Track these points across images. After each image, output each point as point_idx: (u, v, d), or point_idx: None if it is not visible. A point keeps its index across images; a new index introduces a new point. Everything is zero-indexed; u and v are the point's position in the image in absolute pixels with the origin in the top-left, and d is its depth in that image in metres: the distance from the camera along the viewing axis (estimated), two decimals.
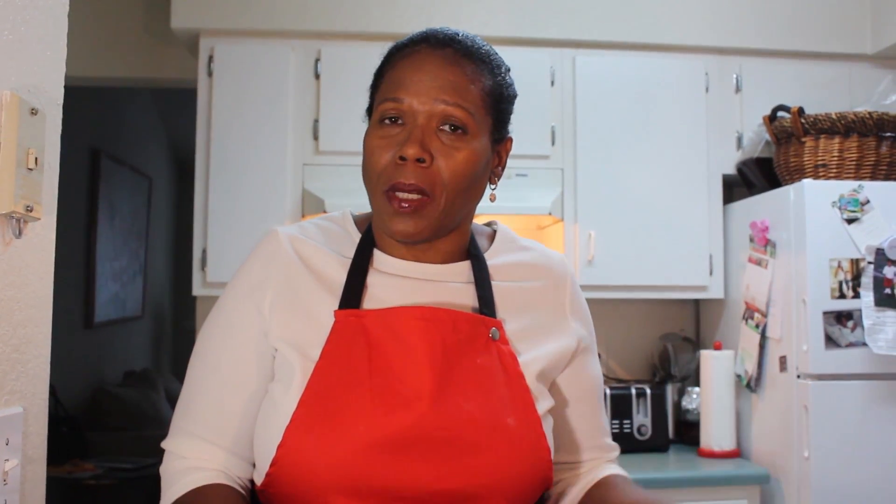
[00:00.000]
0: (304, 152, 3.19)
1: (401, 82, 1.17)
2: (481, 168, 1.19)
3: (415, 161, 1.14)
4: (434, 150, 1.15)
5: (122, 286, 6.31)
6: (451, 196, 1.16)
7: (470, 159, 1.16)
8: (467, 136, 1.16)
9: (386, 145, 1.16)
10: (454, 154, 1.15)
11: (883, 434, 2.75)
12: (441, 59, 1.17)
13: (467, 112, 1.16)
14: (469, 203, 1.22)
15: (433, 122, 1.16)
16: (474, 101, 1.17)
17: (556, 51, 3.33)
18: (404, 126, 1.16)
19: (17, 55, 1.04)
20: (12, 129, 1.01)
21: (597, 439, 1.35)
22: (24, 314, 1.08)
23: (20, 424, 1.07)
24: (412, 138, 1.14)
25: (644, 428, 3.22)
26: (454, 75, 1.17)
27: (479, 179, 1.20)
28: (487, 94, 1.19)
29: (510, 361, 1.20)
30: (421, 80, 1.16)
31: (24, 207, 1.03)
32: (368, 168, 1.18)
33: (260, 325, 1.20)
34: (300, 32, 3.23)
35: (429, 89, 1.15)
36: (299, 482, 1.11)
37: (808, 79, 3.41)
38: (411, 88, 1.16)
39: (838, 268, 2.78)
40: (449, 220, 1.19)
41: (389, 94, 1.18)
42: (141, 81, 3.88)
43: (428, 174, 1.14)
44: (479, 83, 1.18)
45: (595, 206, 3.27)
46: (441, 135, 1.16)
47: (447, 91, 1.15)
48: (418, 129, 1.15)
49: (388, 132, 1.17)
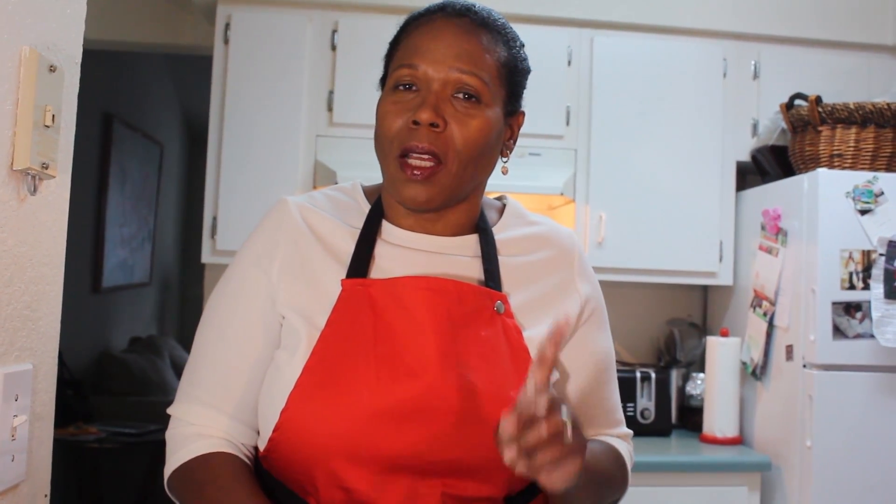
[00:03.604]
0: (317, 123, 3.18)
1: (416, 49, 1.17)
2: (494, 138, 1.19)
3: (428, 126, 1.14)
4: (448, 116, 1.15)
5: (131, 252, 6.33)
6: (463, 163, 1.16)
7: (483, 127, 1.16)
8: (481, 104, 1.16)
9: (399, 110, 1.16)
10: (468, 121, 1.15)
11: (887, 426, 2.75)
12: (457, 27, 1.17)
13: (482, 81, 1.16)
14: (480, 173, 1.21)
15: (447, 90, 1.16)
16: (489, 70, 1.17)
17: (574, 30, 3.30)
18: (418, 92, 1.16)
19: (37, 11, 1.04)
20: (30, 85, 1.00)
21: (602, 417, 1.34)
22: (36, 271, 1.08)
23: (30, 381, 1.07)
24: (426, 103, 1.14)
25: (647, 412, 3.22)
26: (469, 44, 1.17)
27: (491, 149, 1.20)
28: (502, 65, 1.20)
29: (515, 335, 1.20)
30: (437, 48, 1.16)
31: (39, 164, 1.03)
32: (381, 132, 1.18)
33: (268, 291, 1.21)
34: (318, 3, 3.22)
35: (444, 57, 1.15)
36: (302, 448, 1.11)
37: (827, 68, 3.38)
38: (427, 56, 1.16)
39: (849, 258, 2.76)
40: (460, 188, 1.19)
41: (405, 60, 1.18)
42: (157, 47, 3.88)
43: (441, 139, 1.14)
44: (494, 53, 1.18)
45: (607, 187, 3.26)
46: (455, 102, 1.15)
47: (462, 59, 1.15)
48: (432, 95, 1.15)
49: (402, 97, 1.17)
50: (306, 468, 1.12)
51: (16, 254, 1.02)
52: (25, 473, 1.07)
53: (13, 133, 0.99)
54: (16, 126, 1.00)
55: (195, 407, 1.21)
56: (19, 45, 1.00)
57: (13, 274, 1.02)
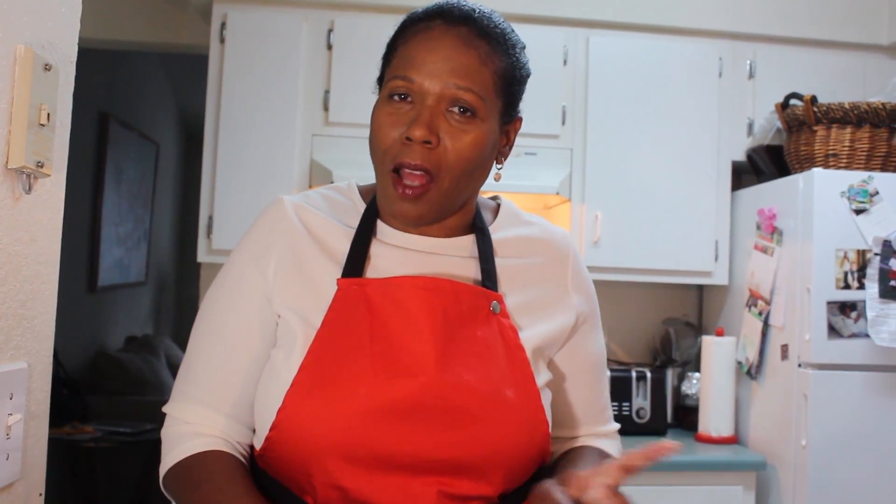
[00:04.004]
0: (313, 123, 3.18)
1: (413, 61, 1.16)
2: (488, 151, 1.19)
3: (421, 142, 1.13)
4: (441, 131, 1.14)
5: (127, 251, 6.32)
6: (454, 178, 1.16)
7: (477, 142, 1.16)
8: (476, 119, 1.16)
9: (394, 122, 1.16)
10: (461, 136, 1.15)
11: (881, 425, 2.76)
12: (455, 38, 1.16)
13: (477, 96, 1.15)
14: (473, 185, 1.22)
15: (442, 104, 1.15)
16: (485, 84, 1.16)
17: (569, 30, 3.31)
18: (413, 105, 1.16)
19: (33, 10, 1.04)
20: (25, 84, 1.00)
21: (594, 416, 1.35)
22: (31, 270, 1.08)
23: (24, 380, 1.07)
24: (420, 119, 1.14)
25: (643, 411, 3.23)
26: (467, 57, 1.15)
27: (484, 162, 1.20)
28: (500, 77, 1.18)
29: (510, 334, 1.20)
30: (434, 61, 1.15)
31: (34, 163, 1.03)
32: (375, 143, 1.18)
33: (264, 290, 1.21)
34: (314, 2, 3.21)
35: (441, 71, 1.14)
36: (298, 446, 1.11)
37: (823, 68, 3.38)
38: (423, 69, 1.15)
39: (844, 258, 2.77)
40: (452, 202, 1.19)
41: (400, 71, 1.17)
42: (153, 46, 3.87)
43: (433, 155, 1.14)
44: (491, 65, 1.17)
45: (603, 187, 3.26)
46: (449, 116, 1.15)
47: (459, 74, 1.14)
48: (427, 110, 1.14)
49: (397, 109, 1.16)
50: (303, 466, 1.12)
51: (11, 252, 1.02)
52: (20, 472, 1.07)
53: (8, 132, 0.99)
54: (11, 124, 1.00)
55: (191, 405, 1.21)
56: (14, 44, 1.00)
57: (8, 273, 1.02)
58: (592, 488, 1.02)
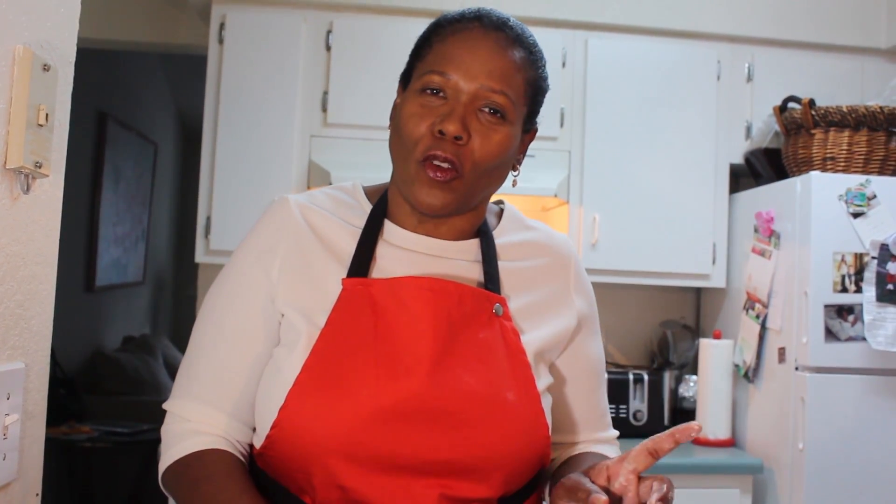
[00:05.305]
0: (311, 124, 3.18)
1: (451, 58, 1.17)
2: (510, 153, 1.21)
3: (453, 138, 1.14)
4: (472, 129, 1.16)
5: (124, 251, 6.32)
6: (478, 175, 1.17)
7: (503, 143, 1.18)
8: (505, 121, 1.18)
9: (425, 114, 1.17)
10: (490, 136, 1.16)
11: (878, 429, 2.76)
12: (494, 42, 1.18)
13: (509, 99, 1.17)
14: (492, 185, 1.23)
15: (476, 103, 1.16)
16: (517, 89, 1.19)
17: (568, 32, 3.31)
18: (446, 101, 1.17)
19: (31, 10, 1.04)
20: (24, 84, 1.00)
21: (594, 421, 1.36)
22: (28, 270, 1.08)
23: (22, 380, 1.07)
24: (454, 115, 1.15)
25: (640, 414, 3.23)
26: (504, 61, 1.17)
27: (505, 164, 1.21)
28: (529, 85, 1.21)
29: (512, 337, 1.20)
30: (471, 61, 1.17)
31: (33, 163, 1.03)
32: (404, 133, 1.18)
33: (268, 289, 1.21)
34: (313, 3, 3.21)
35: (478, 72, 1.16)
36: (299, 445, 1.11)
37: (821, 71, 3.39)
38: (461, 67, 1.16)
39: (842, 261, 2.77)
40: (472, 198, 1.20)
41: (437, 66, 1.18)
42: (151, 46, 3.87)
43: (463, 151, 1.15)
44: (524, 73, 1.20)
45: (601, 189, 3.27)
46: (480, 115, 1.16)
47: (495, 77, 1.16)
48: (461, 107, 1.16)
49: (428, 102, 1.17)
50: (303, 466, 1.12)
51: (8, 252, 1.02)
52: (17, 472, 1.07)
53: (6, 132, 0.99)
54: (9, 125, 1.00)
55: (191, 403, 1.21)
56: (13, 44, 1.00)
57: (6, 272, 1.02)
58: (620, 475, 1.02)
